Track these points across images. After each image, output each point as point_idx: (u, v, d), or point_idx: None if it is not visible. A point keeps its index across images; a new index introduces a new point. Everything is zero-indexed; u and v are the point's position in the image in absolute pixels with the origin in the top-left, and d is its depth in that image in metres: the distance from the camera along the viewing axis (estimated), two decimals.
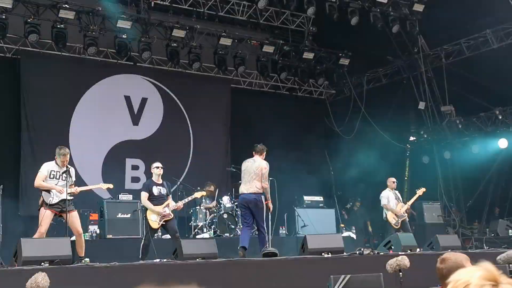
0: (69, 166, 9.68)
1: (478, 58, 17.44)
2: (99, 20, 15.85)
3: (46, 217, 9.33)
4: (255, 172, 10.90)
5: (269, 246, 10.53)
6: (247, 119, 18.76)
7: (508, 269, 8.36)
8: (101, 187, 11.07)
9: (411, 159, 19.85)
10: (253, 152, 11.22)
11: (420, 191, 14.39)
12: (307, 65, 19.46)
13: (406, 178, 19.36)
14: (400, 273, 7.37)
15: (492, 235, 14.62)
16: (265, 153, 11.21)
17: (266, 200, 10.88)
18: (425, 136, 19.35)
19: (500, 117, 17.21)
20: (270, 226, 11.26)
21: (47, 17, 15.09)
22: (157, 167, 11.14)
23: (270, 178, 11.29)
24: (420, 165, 19.32)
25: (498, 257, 8.84)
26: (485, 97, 17.25)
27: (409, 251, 10.32)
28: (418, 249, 11.29)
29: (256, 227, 11.17)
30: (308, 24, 19.33)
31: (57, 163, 9.64)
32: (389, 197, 13.88)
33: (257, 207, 10.78)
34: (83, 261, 9.25)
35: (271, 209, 11.09)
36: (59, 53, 15.90)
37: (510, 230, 14.48)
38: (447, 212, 18.18)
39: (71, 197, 9.52)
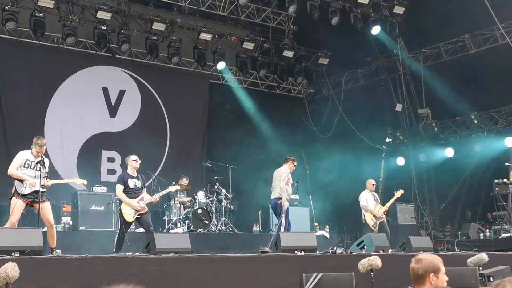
0: (43, 157, 9.56)
1: (456, 63, 17.59)
2: (78, 10, 15.71)
3: (17, 206, 9.21)
4: (278, 179, 12.55)
5: (271, 245, 11.41)
6: (224, 115, 18.75)
7: (478, 271, 8.45)
8: (75, 182, 10.96)
9: (386, 160, 19.98)
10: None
11: (398, 193, 14.40)
12: (287, 63, 19.50)
13: (381, 179, 19.49)
14: (372, 273, 7.41)
15: (464, 238, 14.77)
16: (290, 161, 12.84)
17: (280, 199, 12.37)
18: (401, 138, 19.50)
19: (476, 122, 17.38)
20: (283, 223, 12.31)
21: (25, 5, 14.92)
22: (135, 160, 11.06)
23: (297, 181, 13.43)
24: (395, 167, 19.46)
25: (469, 260, 8.95)
26: (462, 101, 17.41)
27: (381, 252, 10.38)
28: (390, 250, 11.36)
29: None
30: (288, 22, 19.35)
31: (32, 153, 9.53)
32: (368, 199, 13.89)
33: (276, 209, 12.52)
34: (54, 252, 9.15)
35: (285, 207, 12.32)
36: (37, 42, 15.71)
37: (481, 234, 14.62)
38: (420, 214, 18.33)
39: (44, 189, 9.41)
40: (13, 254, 7.19)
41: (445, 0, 15.92)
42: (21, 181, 9.34)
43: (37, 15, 14.83)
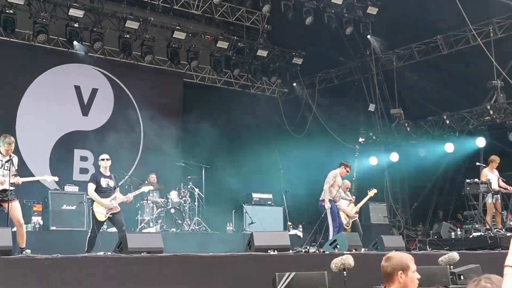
0: (12, 155, 9.41)
1: (428, 63, 17.75)
2: (50, 7, 15.53)
3: None
4: (325, 180, 13.03)
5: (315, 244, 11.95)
6: (198, 114, 18.66)
7: (449, 270, 8.53)
8: (46, 179, 10.81)
9: (359, 160, 20.08)
10: None
11: (371, 192, 14.55)
12: (261, 62, 19.50)
13: (354, 178, 19.57)
14: (345, 272, 7.42)
15: (435, 237, 14.88)
16: (342, 166, 13.33)
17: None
18: (374, 137, 19.61)
19: (448, 122, 17.54)
20: (330, 223, 12.87)
21: None
22: (104, 159, 10.96)
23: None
24: (368, 166, 19.57)
25: (440, 259, 9.03)
26: (434, 102, 17.58)
27: (354, 251, 10.41)
28: (363, 249, 11.40)
29: None
30: (263, 21, 19.34)
31: (0, 152, 9.37)
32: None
33: (321, 210, 12.99)
34: (24, 252, 9.02)
35: (326, 208, 12.80)
36: (7, 39, 15.48)
37: (452, 233, 14.75)
38: (392, 213, 18.46)
39: (13, 187, 9.27)
40: None
41: (417, 1, 16.04)
42: None
43: (7, 11, 14.62)
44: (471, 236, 13.86)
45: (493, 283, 2.69)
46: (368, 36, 18.14)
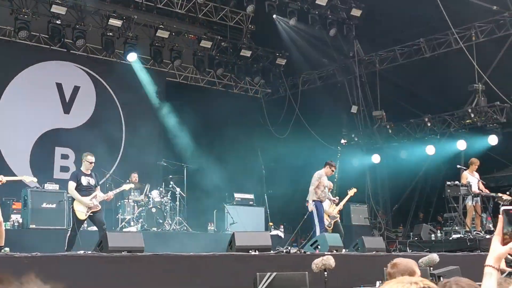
0: None
1: (411, 66, 17.84)
2: (32, 3, 15.39)
3: None
4: (311, 182, 13.05)
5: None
6: (181, 114, 18.62)
7: (429, 271, 8.57)
8: (24, 180, 10.73)
9: (341, 161, 20.13)
10: None
11: (351, 192, 14.63)
12: (244, 62, 19.47)
13: (335, 180, 19.61)
14: (325, 273, 7.43)
15: (416, 239, 14.96)
16: (328, 166, 13.34)
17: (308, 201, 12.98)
18: (356, 139, 19.65)
19: (429, 124, 17.63)
20: (316, 224, 12.88)
21: None
22: (91, 162, 10.90)
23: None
24: (350, 168, 19.61)
25: (420, 260, 9.06)
26: (416, 104, 17.66)
27: (335, 251, 10.43)
28: (343, 250, 11.43)
29: None
30: (246, 21, 19.33)
31: None
32: None
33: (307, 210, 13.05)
34: (2, 250, 8.94)
35: (309, 209, 12.93)
36: None
37: (433, 235, 14.85)
38: (373, 215, 18.53)
39: None
40: None
41: (401, 4, 16.12)
42: None
43: None
44: (451, 238, 13.96)
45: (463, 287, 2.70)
46: None
